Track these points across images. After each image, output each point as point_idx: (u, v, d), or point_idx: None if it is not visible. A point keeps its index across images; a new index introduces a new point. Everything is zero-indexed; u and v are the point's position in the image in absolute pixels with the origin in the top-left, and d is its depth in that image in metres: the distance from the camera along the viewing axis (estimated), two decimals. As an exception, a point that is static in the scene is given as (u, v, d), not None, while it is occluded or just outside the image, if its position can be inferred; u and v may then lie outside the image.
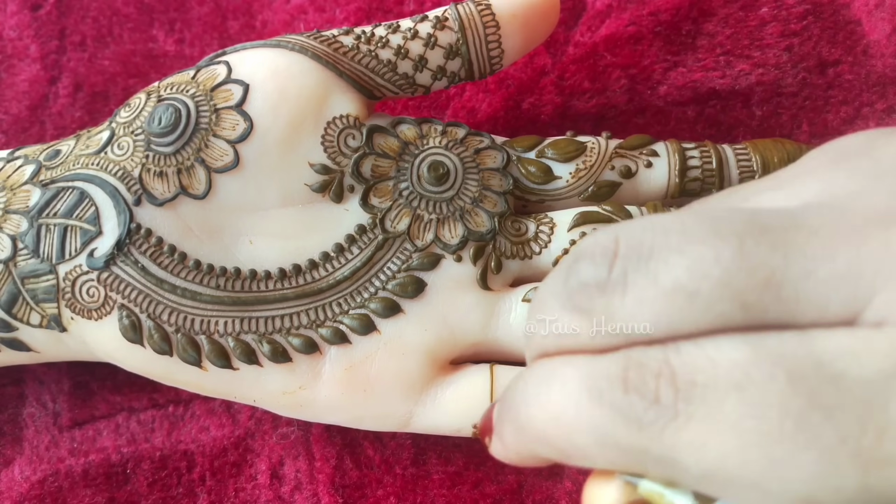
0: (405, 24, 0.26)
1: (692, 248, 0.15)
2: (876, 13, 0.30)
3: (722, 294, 0.14)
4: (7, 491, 0.27)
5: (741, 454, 0.13)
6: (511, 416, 0.17)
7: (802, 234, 0.14)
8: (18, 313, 0.24)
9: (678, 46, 0.31)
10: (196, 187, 0.24)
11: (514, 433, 0.17)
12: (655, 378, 0.14)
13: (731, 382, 0.14)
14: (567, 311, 0.16)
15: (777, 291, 0.14)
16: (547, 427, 0.16)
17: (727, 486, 0.14)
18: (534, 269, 0.26)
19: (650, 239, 0.15)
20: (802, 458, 0.13)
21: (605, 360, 0.15)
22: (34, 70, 0.33)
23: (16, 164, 0.26)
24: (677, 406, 0.14)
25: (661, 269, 0.15)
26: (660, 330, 0.15)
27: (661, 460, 0.14)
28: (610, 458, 0.15)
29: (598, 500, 0.16)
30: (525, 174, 0.26)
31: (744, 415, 0.13)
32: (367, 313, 0.25)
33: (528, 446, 0.17)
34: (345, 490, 0.26)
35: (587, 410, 0.15)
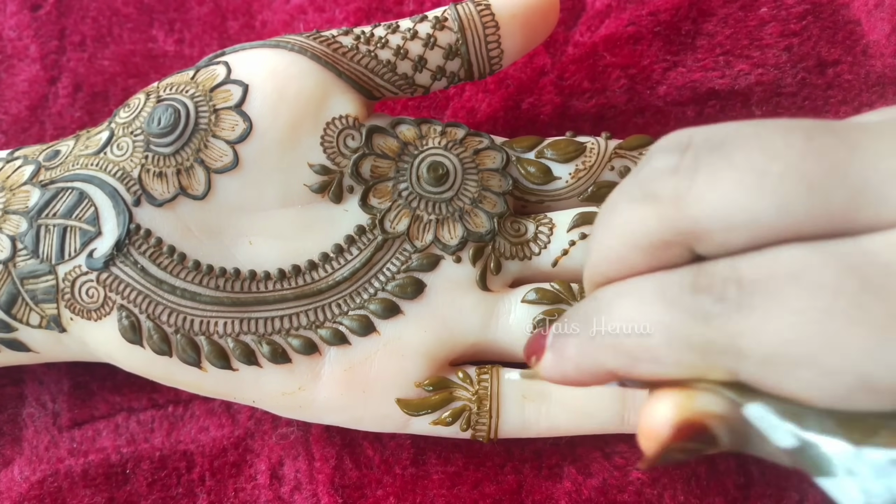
0: (404, 25, 0.26)
1: (764, 136, 0.15)
2: (875, 13, 0.30)
3: (790, 174, 0.15)
4: (7, 491, 0.27)
5: (799, 332, 0.14)
6: (580, 328, 0.18)
7: (868, 136, 0.15)
8: (18, 314, 0.24)
9: (677, 46, 0.31)
10: (195, 188, 0.24)
11: (581, 344, 0.18)
12: (722, 280, 0.15)
13: (789, 274, 0.15)
14: (636, 202, 0.17)
15: (842, 178, 0.15)
16: (620, 332, 0.17)
17: (787, 368, 0.15)
18: (533, 269, 0.26)
19: (723, 131, 0.16)
20: (857, 331, 0.14)
21: (677, 272, 0.16)
22: (34, 70, 0.33)
23: (15, 164, 0.26)
24: (741, 300, 0.15)
25: (733, 152, 0.15)
26: (727, 210, 0.15)
27: (725, 350, 0.15)
28: (678, 357, 0.16)
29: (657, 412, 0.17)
30: (524, 175, 0.26)
31: (801, 299, 0.14)
32: (366, 314, 0.25)
33: (594, 356, 0.18)
34: (344, 490, 0.26)
35: (660, 312, 0.16)
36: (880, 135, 0.15)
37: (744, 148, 0.15)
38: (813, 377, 0.14)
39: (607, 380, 0.18)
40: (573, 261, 0.25)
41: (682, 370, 0.16)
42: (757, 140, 0.15)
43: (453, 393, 0.25)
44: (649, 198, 0.16)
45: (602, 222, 0.18)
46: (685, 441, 0.16)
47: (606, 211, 0.18)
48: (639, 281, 0.17)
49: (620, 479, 0.26)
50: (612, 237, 0.17)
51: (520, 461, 0.26)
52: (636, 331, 0.16)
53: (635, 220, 0.17)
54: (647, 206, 0.16)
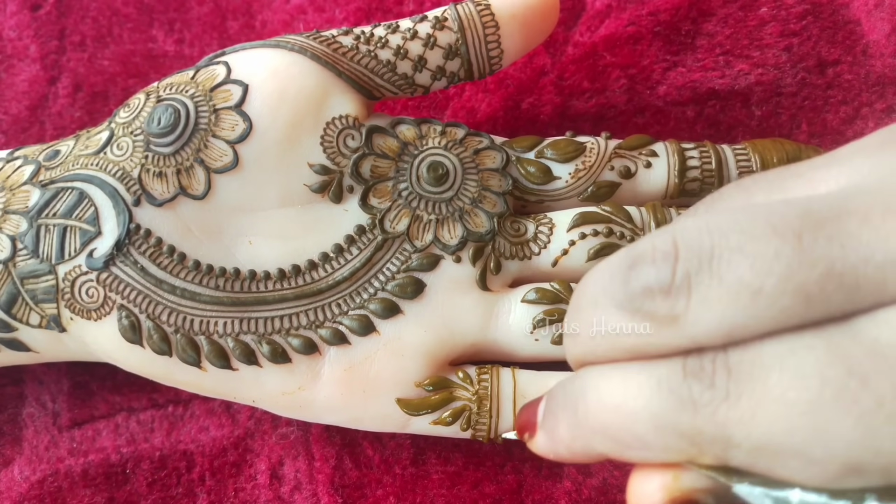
0: (404, 25, 0.26)
1: (753, 247, 0.15)
2: (875, 13, 0.30)
3: (785, 289, 0.15)
4: (6, 491, 0.27)
5: (786, 424, 0.14)
6: (568, 411, 0.18)
7: (856, 220, 0.15)
8: (18, 314, 0.24)
9: (677, 46, 0.31)
10: (195, 188, 0.24)
11: (570, 427, 0.18)
12: (711, 364, 0.15)
13: (775, 359, 0.15)
14: (627, 313, 0.16)
15: (838, 280, 0.15)
16: (607, 418, 0.17)
17: (776, 458, 0.15)
18: (533, 269, 0.26)
19: (709, 240, 0.16)
20: (843, 423, 0.14)
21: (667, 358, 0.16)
22: (34, 70, 0.33)
23: (15, 164, 0.26)
24: (729, 386, 0.15)
25: (724, 270, 0.15)
26: (724, 329, 0.15)
27: (714, 439, 0.15)
28: (667, 444, 0.16)
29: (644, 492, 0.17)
30: (524, 174, 0.26)
31: (787, 387, 0.14)
32: (366, 314, 0.25)
33: (583, 440, 0.18)
34: (344, 490, 0.26)
35: (647, 398, 0.16)
36: (867, 220, 0.15)
37: (732, 262, 0.15)
38: (802, 465, 0.15)
39: (600, 459, 0.18)
40: (573, 260, 0.25)
41: (672, 456, 0.16)
42: (745, 252, 0.15)
43: (453, 393, 0.25)
44: (641, 313, 0.16)
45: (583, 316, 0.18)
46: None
47: (588, 304, 0.17)
48: (626, 365, 0.17)
49: (620, 478, 0.26)
50: (599, 339, 0.17)
51: (520, 461, 0.26)
52: (623, 416, 0.16)
53: (627, 331, 0.17)
54: (640, 321, 0.16)
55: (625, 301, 0.16)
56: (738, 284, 0.15)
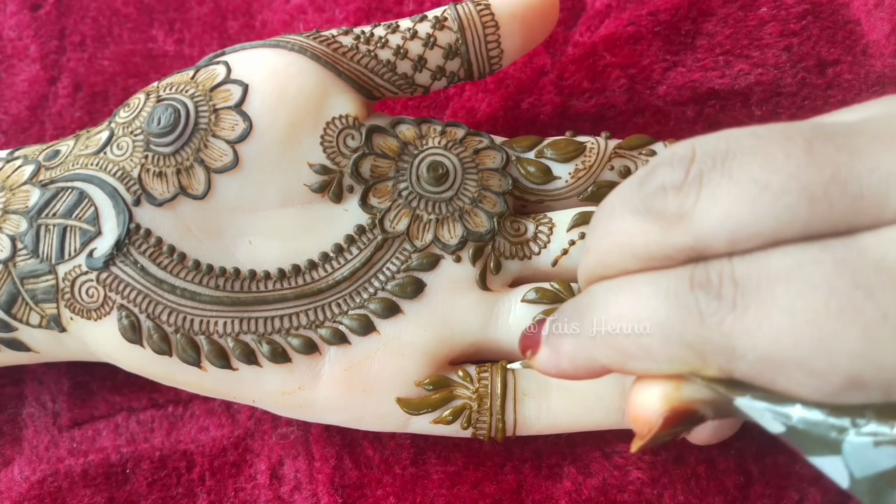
0: (404, 25, 0.26)
1: (765, 148, 0.16)
2: (875, 13, 0.30)
3: (791, 186, 0.15)
4: (6, 491, 0.27)
5: (791, 334, 0.15)
6: (575, 323, 0.18)
7: (865, 137, 0.15)
8: (18, 313, 0.24)
9: (677, 46, 0.31)
10: (195, 187, 0.24)
11: (576, 340, 0.18)
12: (719, 276, 0.16)
13: (782, 271, 0.15)
14: (639, 214, 0.17)
15: (843, 185, 0.15)
16: (614, 328, 0.17)
17: (780, 369, 0.15)
18: (533, 269, 0.26)
19: (725, 144, 0.16)
20: (847, 334, 0.14)
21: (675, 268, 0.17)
22: (34, 70, 0.33)
23: (15, 164, 0.26)
24: (736, 298, 0.15)
25: (735, 167, 0.16)
26: (729, 226, 0.15)
27: (720, 350, 0.15)
28: (672, 354, 0.16)
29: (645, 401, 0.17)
30: (524, 174, 0.26)
31: (794, 298, 0.15)
32: (366, 314, 0.25)
33: (588, 351, 0.18)
34: (344, 490, 0.26)
35: (655, 308, 0.16)
36: (876, 136, 0.15)
37: (744, 161, 0.16)
38: (805, 377, 0.15)
39: (601, 374, 0.18)
40: (573, 260, 0.25)
41: (676, 367, 0.16)
42: (757, 153, 0.16)
43: (453, 391, 0.25)
44: (653, 213, 0.17)
45: (600, 227, 0.18)
46: (674, 428, 0.17)
47: (605, 216, 0.18)
48: (635, 277, 0.17)
49: (620, 478, 0.26)
50: (611, 245, 0.18)
51: (520, 461, 0.26)
52: (631, 327, 0.17)
53: (637, 232, 0.17)
54: (651, 221, 0.17)
55: (639, 203, 0.17)
56: (747, 180, 0.15)
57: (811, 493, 0.25)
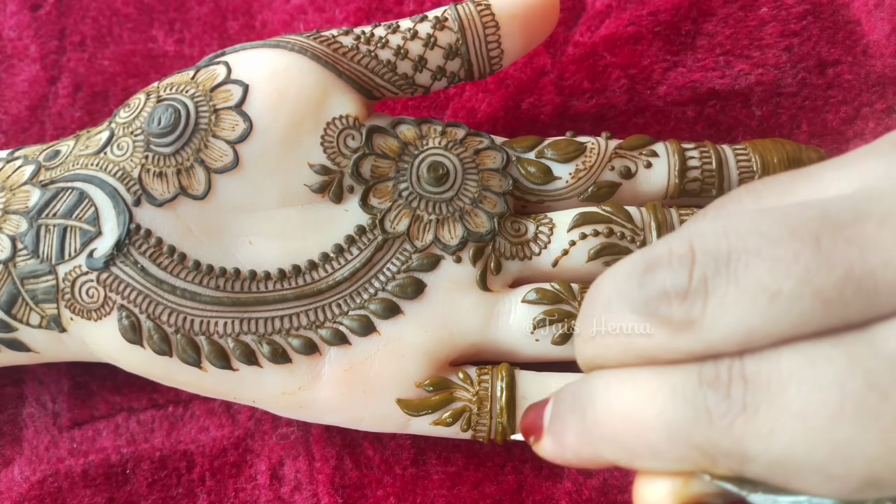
0: (405, 25, 0.26)
1: (771, 250, 0.15)
2: (875, 13, 0.30)
3: (803, 292, 0.14)
4: (7, 491, 0.27)
5: (805, 439, 0.14)
6: (576, 417, 0.18)
7: (873, 225, 0.15)
8: (18, 314, 0.24)
9: (678, 46, 0.31)
10: (195, 188, 0.24)
11: (579, 434, 0.17)
12: (728, 373, 0.15)
13: (793, 371, 0.14)
14: (640, 316, 0.16)
15: (857, 284, 0.14)
16: (617, 426, 0.16)
17: (794, 474, 0.14)
18: (533, 269, 0.26)
19: (726, 243, 0.15)
20: (863, 438, 0.14)
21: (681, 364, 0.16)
22: (34, 70, 0.33)
23: (15, 164, 0.26)
24: (745, 399, 0.15)
25: (741, 273, 0.15)
26: (741, 334, 0.15)
27: (730, 453, 0.15)
28: (680, 455, 0.16)
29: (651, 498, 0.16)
30: (525, 175, 0.26)
31: (806, 401, 0.14)
32: (366, 314, 0.25)
33: (592, 446, 0.17)
34: (344, 490, 0.26)
35: (661, 406, 0.16)
36: (884, 222, 0.15)
37: (750, 265, 0.15)
38: (821, 480, 0.14)
39: (609, 466, 0.18)
40: (573, 261, 0.25)
41: (684, 466, 0.16)
42: (763, 255, 0.15)
43: (454, 393, 0.25)
44: (656, 317, 0.16)
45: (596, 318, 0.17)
46: None
47: (601, 308, 0.17)
48: (638, 371, 0.17)
49: (621, 478, 0.26)
50: (612, 342, 0.17)
51: (520, 461, 0.26)
52: (635, 425, 0.16)
53: (640, 335, 0.16)
54: (655, 326, 0.16)
55: (640, 305, 0.16)
56: (756, 288, 0.15)
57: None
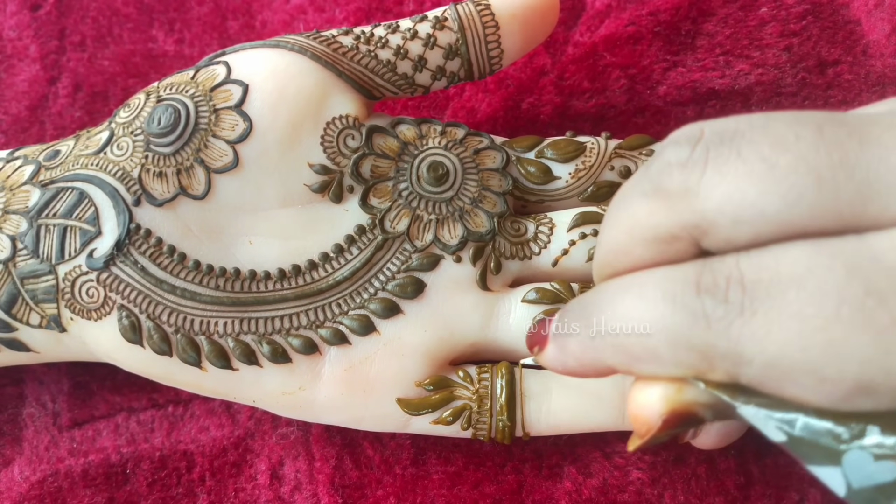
0: (404, 25, 0.26)
1: (775, 129, 0.15)
2: (875, 13, 0.30)
3: (799, 166, 0.15)
4: (6, 491, 0.27)
5: (801, 340, 0.14)
6: (582, 323, 0.18)
7: (878, 128, 0.15)
8: (18, 314, 0.24)
9: (677, 46, 0.31)
10: (195, 188, 0.24)
11: (583, 339, 0.18)
12: (726, 280, 0.15)
13: (793, 276, 0.15)
14: (645, 196, 0.17)
15: (851, 171, 0.15)
16: (620, 330, 0.17)
17: (788, 375, 0.15)
18: (533, 269, 0.26)
19: (734, 124, 0.16)
20: (857, 340, 0.14)
21: (681, 268, 0.16)
22: (34, 70, 0.33)
23: (15, 164, 0.26)
24: (744, 302, 0.15)
25: (743, 145, 0.15)
26: (734, 205, 0.15)
27: (727, 355, 0.15)
28: (678, 358, 0.16)
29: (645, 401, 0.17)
30: (524, 174, 0.26)
31: (804, 304, 0.14)
32: (366, 314, 0.25)
33: (594, 351, 0.18)
34: (344, 490, 0.26)
35: (662, 312, 0.16)
36: (891, 127, 0.15)
37: (753, 140, 0.15)
38: (813, 383, 0.15)
39: (608, 373, 0.18)
40: (573, 260, 0.25)
41: (682, 370, 0.16)
42: (767, 132, 0.15)
43: (454, 392, 0.25)
44: (658, 191, 0.17)
45: (611, 215, 0.18)
46: (673, 429, 0.17)
47: (616, 204, 0.18)
48: (642, 276, 0.17)
49: (621, 478, 0.26)
50: (620, 230, 0.18)
51: (520, 461, 0.26)
52: (637, 329, 0.16)
53: (643, 213, 0.17)
54: (656, 200, 0.17)
55: (647, 185, 0.17)
56: (755, 157, 0.15)
57: (811, 494, 0.25)
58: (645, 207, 0.17)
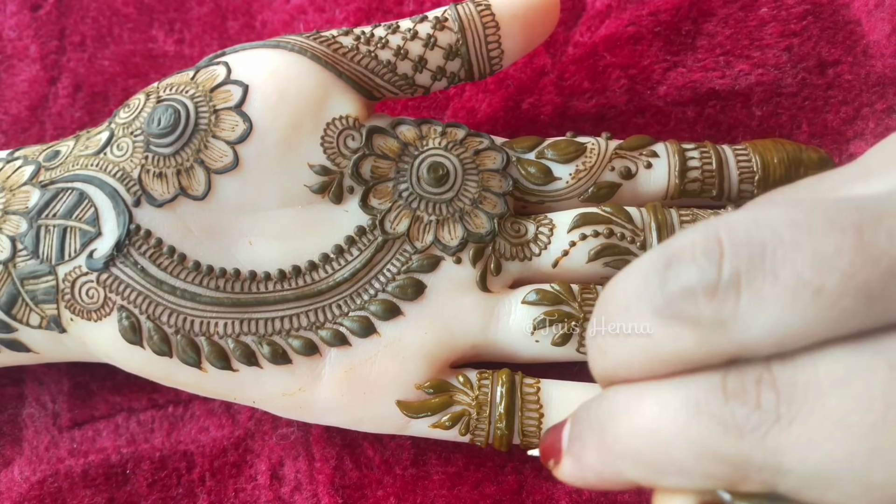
0: (405, 25, 0.26)
1: (812, 242, 0.14)
2: (876, 13, 0.30)
3: (847, 287, 0.14)
4: (7, 491, 0.27)
5: (846, 448, 0.13)
6: (595, 436, 0.17)
7: None
8: (18, 314, 0.24)
9: (678, 47, 0.31)
10: (195, 188, 0.24)
11: (599, 454, 0.17)
12: (756, 384, 0.14)
13: (833, 379, 0.14)
14: (665, 319, 0.15)
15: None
16: (640, 444, 0.15)
17: (832, 484, 0.14)
18: (533, 270, 0.26)
19: (759, 234, 0.14)
20: None
21: (703, 375, 0.15)
22: (34, 70, 0.33)
23: (15, 164, 0.26)
24: (779, 409, 0.14)
25: (779, 267, 0.14)
26: (778, 333, 0.14)
27: (763, 466, 0.14)
28: (708, 471, 0.15)
29: None
30: (525, 175, 0.26)
31: (848, 409, 0.13)
32: (366, 315, 0.25)
33: (614, 466, 0.16)
34: (345, 490, 0.26)
35: (685, 423, 0.15)
36: None
37: (790, 259, 0.14)
38: (860, 491, 0.14)
39: (632, 487, 0.17)
40: (573, 261, 0.25)
41: (712, 483, 0.15)
42: (803, 248, 0.14)
43: (453, 397, 0.25)
44: (681, 318, 0.15)
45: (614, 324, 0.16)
46: None
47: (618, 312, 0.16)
48: (658, 385, 0.16)
49: (621, 479, 0.26)
50: (634, 350, 0.16)
51: (520, 461, 0.26)
52: (658, 441, 0.15)
53: (665, 339, 0.15)
54: (682, 328, 0.15)
55: (663, 306, 0.15)
56: (797, 283, 0.14)
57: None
58: (666, 332, 0.15)
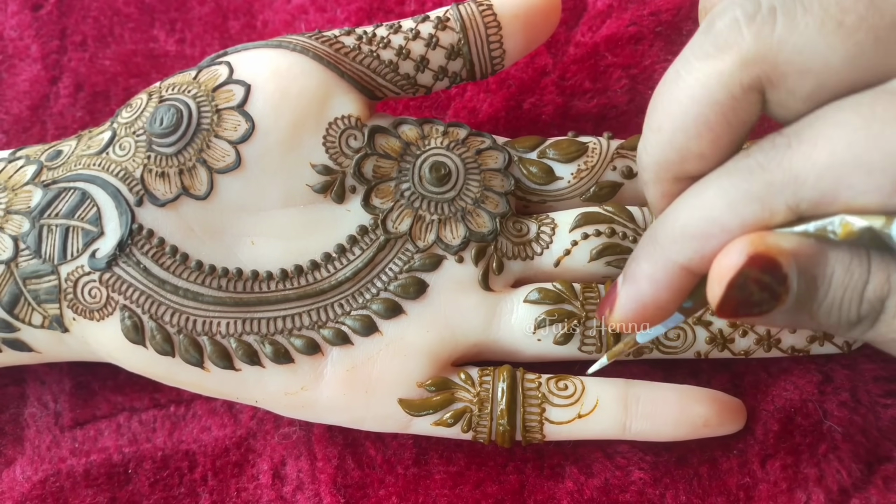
0: (407, 25, 0.26)
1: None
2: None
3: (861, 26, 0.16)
4: (9, 491, 0.27)
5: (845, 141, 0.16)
6: (648, 246, 0.19)
7: None
8: (20, 314, 0.24)
9: (679, 46, 0.31)
10: (198, 188, 0.24)
11: (651, 253, 0.19)
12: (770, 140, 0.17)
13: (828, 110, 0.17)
14: (710, 57, 0.18)
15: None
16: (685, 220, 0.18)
17: (840, 178, 0.16)
18: (535, 269, 0.26)
19: None
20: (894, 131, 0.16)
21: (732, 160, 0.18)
22: (35, 70, 0.33)
23: (17, 164, 0.26)
24: (790, 140, 0.17)
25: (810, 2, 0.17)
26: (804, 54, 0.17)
27: (784, 184, 0.17)
28: (742, 215, 0.17)
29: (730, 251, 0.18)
30: (527, 175, 0.26)
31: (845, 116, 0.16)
32: (368, 314, 0.25)
33: (665, 257, 0.19)
34: (347, 490, 0.26)
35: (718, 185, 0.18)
36: None
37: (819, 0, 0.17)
38: (864, 177, 0.16)
39: (682, 283, 0.19)
40: (575, 261, 0.25)
41: (748, 225, 0.17)
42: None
43: (455, 394, 0.25)
44: (727, 47, 0.17)
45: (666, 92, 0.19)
46: (758, 270, 0.17)
47: (671, 79, 0.19)
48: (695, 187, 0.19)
49: (622, 478, 0.26)
50: (685, 98, 0.18)
51: (522, 461, 0.26)
52: (699, 210, 0.18)
53: (713, 71, 0.18)
54: (726, 55, 0.17)
55: (709, 47, 0.18)
56: (824, 15, 0.17)
57: (815, 494, 0.25)
58: (713, 66, 0.18)
